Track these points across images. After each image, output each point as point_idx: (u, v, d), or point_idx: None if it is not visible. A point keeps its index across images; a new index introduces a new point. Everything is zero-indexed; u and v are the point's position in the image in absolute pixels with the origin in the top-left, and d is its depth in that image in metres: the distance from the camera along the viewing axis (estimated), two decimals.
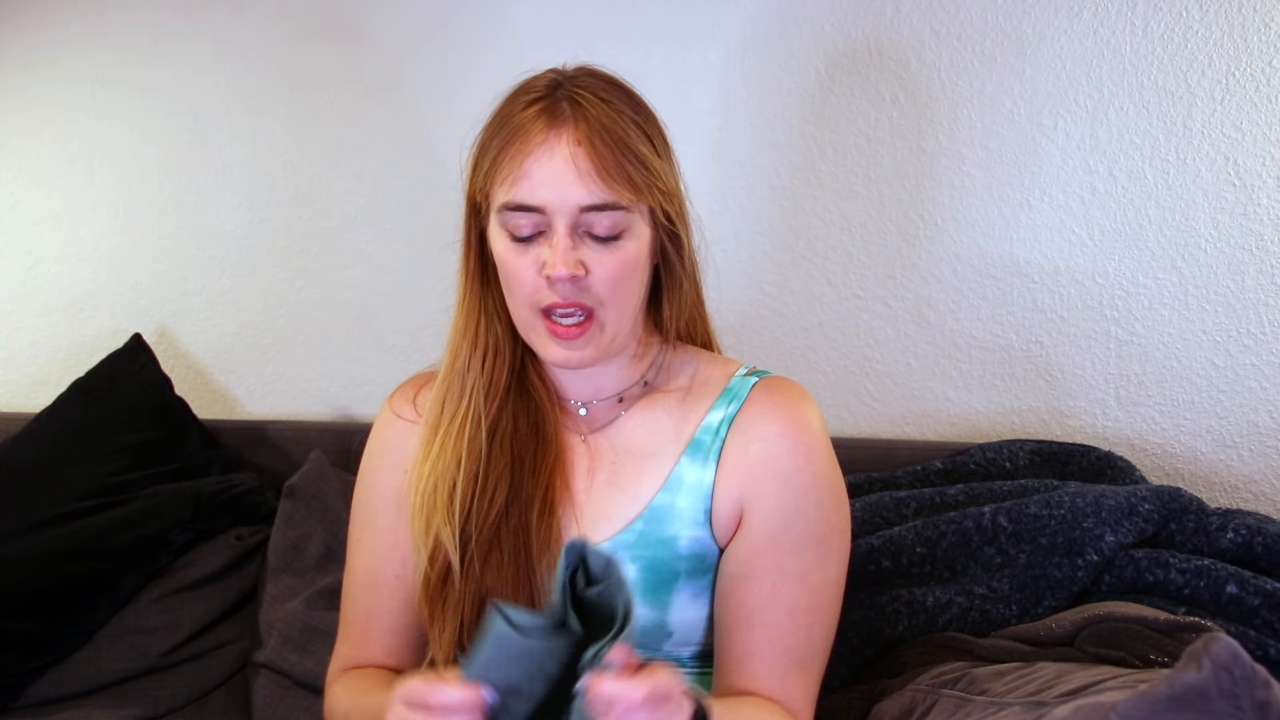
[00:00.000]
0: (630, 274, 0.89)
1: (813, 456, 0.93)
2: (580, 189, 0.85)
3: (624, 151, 0.87)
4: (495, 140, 0.90)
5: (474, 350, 0.96)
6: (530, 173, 0.86)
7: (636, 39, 1.56)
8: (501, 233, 0.90)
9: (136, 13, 1.73)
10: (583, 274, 0.86)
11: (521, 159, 0.86)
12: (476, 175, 0.93)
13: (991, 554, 1.18)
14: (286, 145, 1.72)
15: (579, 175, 0.85)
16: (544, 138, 0.86)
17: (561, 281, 0.85)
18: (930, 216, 1.49)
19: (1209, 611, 1.05)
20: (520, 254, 0.88)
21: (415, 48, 1.65)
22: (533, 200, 0.86)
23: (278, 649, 1.36)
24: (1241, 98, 1.35)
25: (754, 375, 0.99)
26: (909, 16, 1.46)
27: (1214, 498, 1.42)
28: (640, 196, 0.88)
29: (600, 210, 0.86)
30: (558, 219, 0.86)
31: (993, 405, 1.51)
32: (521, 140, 0.87)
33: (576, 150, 0.85)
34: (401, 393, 1.06)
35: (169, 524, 1.45)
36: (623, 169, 0.86)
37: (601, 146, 0.85)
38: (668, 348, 1.02)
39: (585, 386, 0.99)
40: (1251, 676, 0.59)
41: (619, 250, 0.88)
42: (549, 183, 0.85)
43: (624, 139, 0.87)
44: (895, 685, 1.05)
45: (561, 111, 0.87)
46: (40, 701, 1.32)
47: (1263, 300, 1.37)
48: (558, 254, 0.85)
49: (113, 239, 1.80)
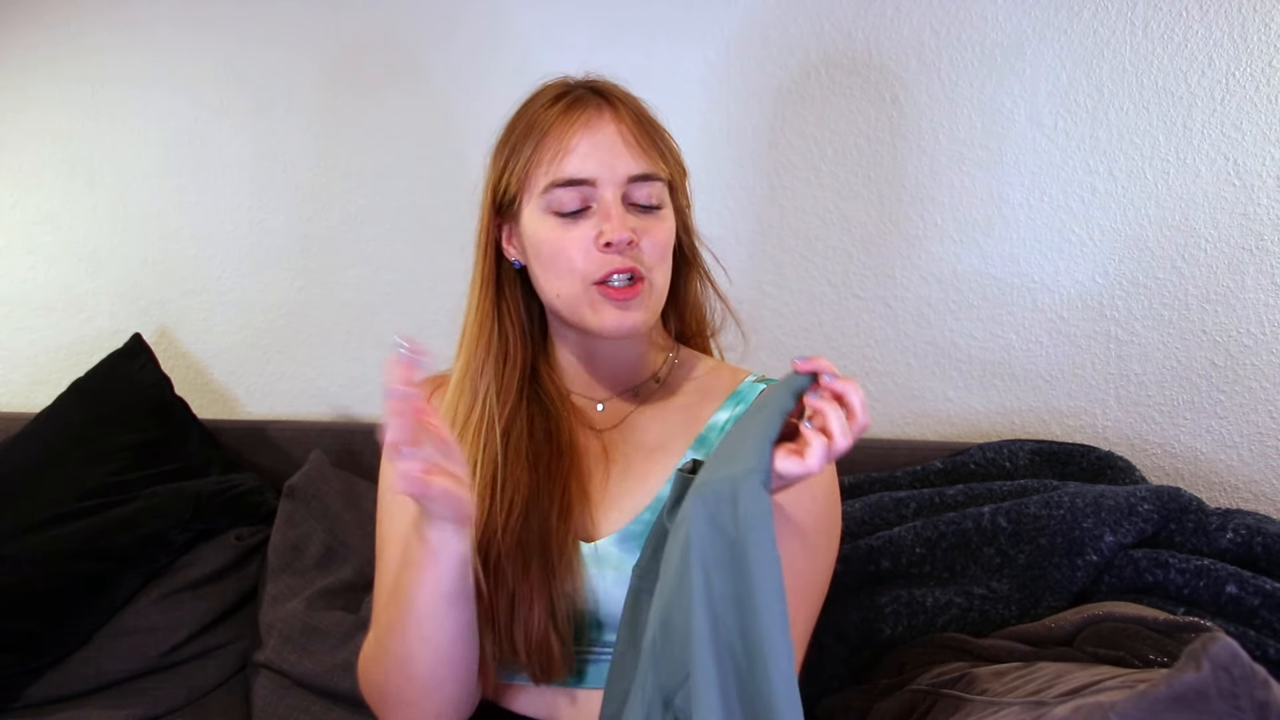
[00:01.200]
0: (669, 245, 0.95)
1: None
2: (629, 160, 0.91)
3: (654, 129, 0.95)
4: (530, 136, 0.93)
5: (487, 355, 0.98)
6: (577, 148, 0.90)
7: (637, 39, 1.56)
8: (545, 215, 0.92)
9: (136, 12, 1.73)
10: (637, 239, 0.90)
11: (566, 139, 0.90)
12: (509, 172, 0.94)
13: (991, 554, 1.18)
14: (287, 145, 1.72)
15: (626, 146, 0.91)
16: (585, 117, 0.91)
17: (620, 245, 0.89)
18: (930, 216, 1.49)
19: (1209, 611, 1.05)
20: (569, 230, 0.91)
21: (419, 49, 1.65)
22: (582, 173, 0.90)
23: (278, 649, 1.36)
24: (1241, 98, 1.35)
25: (763, 382, 1.02)
26: (909, 16, 1.46)
27: (1214, 498, 1.42)
28: (671, 170, 0.95)
29: (644, 180, 0.92)
30: (606, 189, 0.90)
31: (993, 405, 1.51)
32: (563, 124, 0.91)
33: (620, 125, 0.91)
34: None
35: (169, 524, 1.45)
36: (656, 145, 0.94)
37: (639, 123, 0.93)
38: (680, 349, 1.06)
39: (606, 374, 1.01)
40: (1250, 676, 0.59)
41: (662, 219, 0.94)
42: (597, 154, 0.90)
43: (651, 119, 0.96)
44: (895, 685, 1.05)
45: (592, 99, 0.93)
46: (40, 701, 1.32)
47: (1263, 300, 1.37)
48: (615, 219, 0.89)
49: (113, 239, 1.80)
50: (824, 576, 0.95)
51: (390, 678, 0.89)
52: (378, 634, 0.91)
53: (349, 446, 1.65)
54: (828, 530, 0.94)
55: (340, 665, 1.33)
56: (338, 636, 1.36)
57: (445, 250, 1.69)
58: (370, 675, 0.92)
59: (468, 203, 1.75)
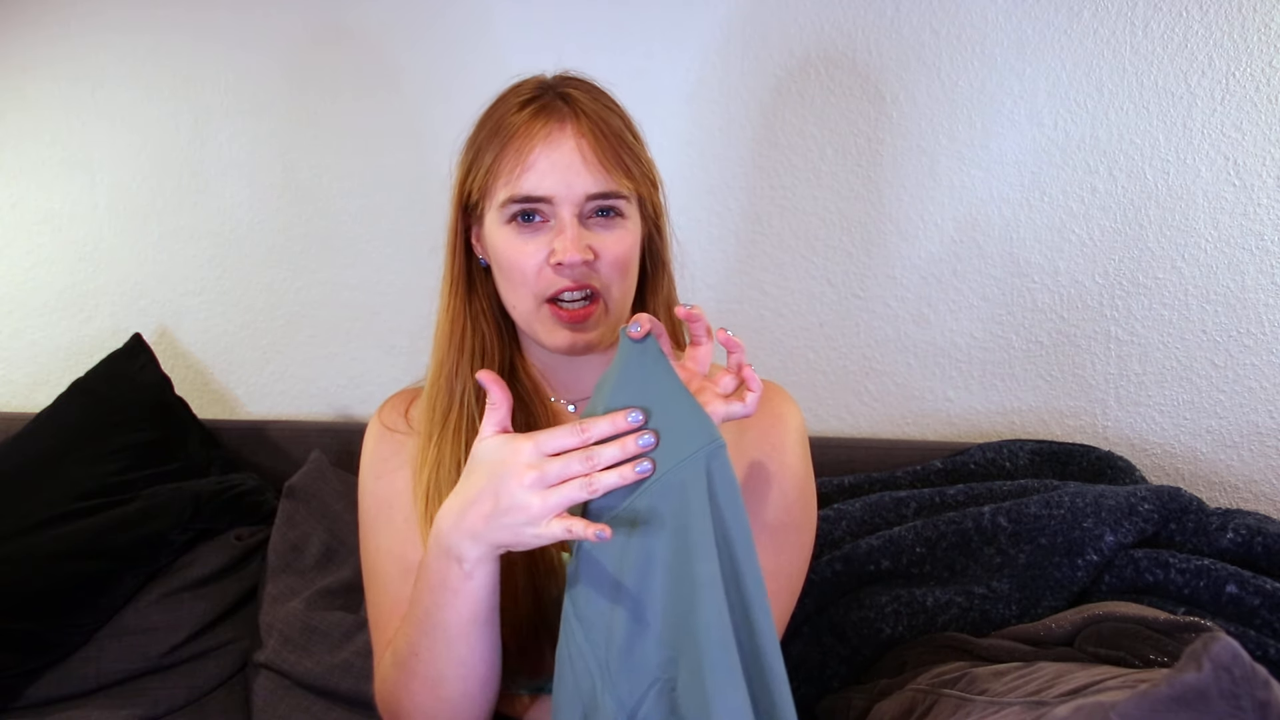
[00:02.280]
0: (630, 260, 0.92)
1: (782, 448, 0.94)
2: (587, 178, 0.88)
3: (620, 143, 0.90)
4: (494, 140, 0.91)
5: (461, 355, 0.97)
6: (535, 165, 0.88)
7: (637, 39, 1.56)
8: (503, 227, 0.91)
9: (136, 13, 1.73)
10: (592, 258, 0.88)
11: (526, 153, 0.88)
12: (473, 175, 0.93)
13: (991, 554, 1.18)
14: (286, 145, 1.72)
15: (585, 164, 0.88)
16: (547, 131, 0.88)
17: (573, 266, 0.87)
18: (930, 216, 1.49)
19: (1209, 611, 1.05)
20: (525, 244, 0.89)
21: (418, 49, 1.65)
22: (539, 191, 0.88)
23: (278, 649, 1.36)
24: (1241, 98, 1.35)
25: None
26: (909, 16, 1.46)
27: (1214, 498, 1.42)
28: (635, 185, 0.91)
29: (604, 198, 0.89)
30: (564, 208, 0.88)
31: (993, 405, 1.51)
32: (524, 136, 0.89)
33: (580, 142, 0.88)
34: (391, 405, 1.06)
35: (169, 524, 1.45)
36: (620, 159, 0.90)
37: (602, 138, 0.89)
38: None
39: (575, 383, 1.00)
40: (1251, 676, 0.59)
41: (621, 234, 0.91)
42: (555, 173, 0.88)
43: (619, 132, 0.91)
44: (895, 685, 1.05)
45: (559, 108, 0.90)
46: (40, 701, 1.32)
47: (1263, 300, 1.37)
48: (569, 240, 0.87)
49: (113, 239, 1.80)
50: (796, 572, 0.94)
51: (419, 700, 0.86)
52: (398, 658, 0.88)
53: (349, 446, 1.65)
54: (798, 525, 0.94)
55: (340, 665, 1.33)
56: (338, 636, 1.36)
57: (439, 251, 1.68)
58: (394, 698, 0.89)
59: None
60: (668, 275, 1.02)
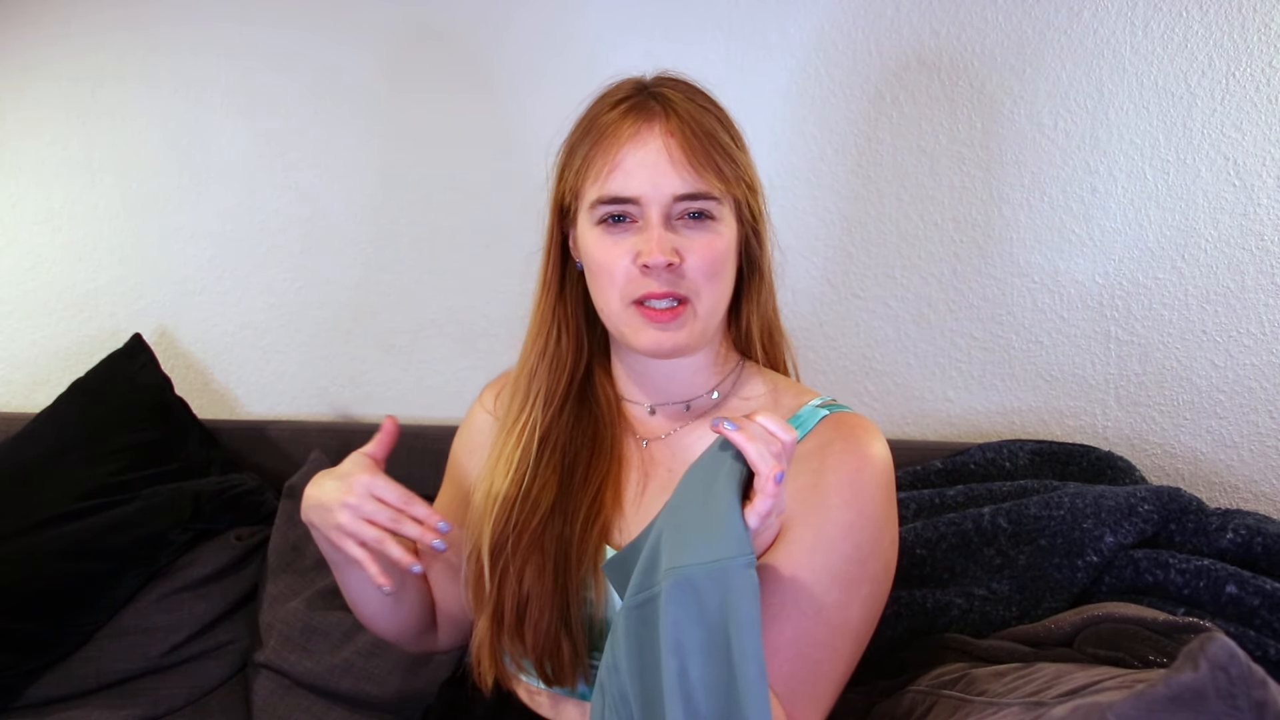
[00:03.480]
0: (722, 263, 0.91)
1: (862, 494, 0.87)
2: (674, 178, 0.87)
3: (712, 143, 0.89)
4: (585, 141, 0.92)
5: (541, 359, 0.98)
6: (623, 164, 0.88)
7: (637, 39, 1.56)
8: (593, 228, 0.91)
9: (136, 12, 1.73)
10: (678, 261, 0.87)
11: (614, 152, 0.88)
12: (566, 177, 0.94)
13: (991, 555, 1.18)
14: (286, 145, 1.72)
15: (672, 164, 0.87)
16: (635, 130, 0.88)
17: (658, 269, 0.87)
18: (930, 216, 1.49)
19: (1208, 612, 1.05)
20: (614, 245, 0.89)
21: (416, 49, 1.65)
22: (626, 191, 0.88)
23: (278, 649, 1.36)
24: (1241, 98, 1.35)
25: (828, 407, 0.95)
26: (909, 16, 1.46)
27: (1214, 498, 1.42)
28: (728, 187, 0.90)
29: (692, 199, 0.88)
30: (651, 208, 0.88)
31: (993, 405, 1.51)
32: (612, 136, 0.89)
33: (669, 141, 0.88)
34: (490, 389, 1.12)
35: (169, 524, 1.45)
36: (712, 159, 0.89)
37: (692, 137, 0.88)
38: (745, 364, 1.02)
39: (660, 386, 0.99)
40: (1248, 676, 0.59)
41: (711, 238, 0.89)
42: (642, 173, 0.87)
43: (711, 132, 0.90)
44: (895, 686, 1.05)
45: (650, 108, 0.90)
46: (40, 701, 1.33)
47: (1263, 300, 1.37)
48: (653, 242, 0.86)
49: (113, 239, 1.80)
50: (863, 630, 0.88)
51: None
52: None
53: (349, 446, 1.62)
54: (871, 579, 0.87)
55: (340, 665, 1.33)
56: (338, 636, 1.36)
57: (446, 250, 1.69)
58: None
59: (469, 202, 1.76)
60: (766, 285, 1.00)
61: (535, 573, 0.91)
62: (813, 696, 0.84)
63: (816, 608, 0.84)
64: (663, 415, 0.99)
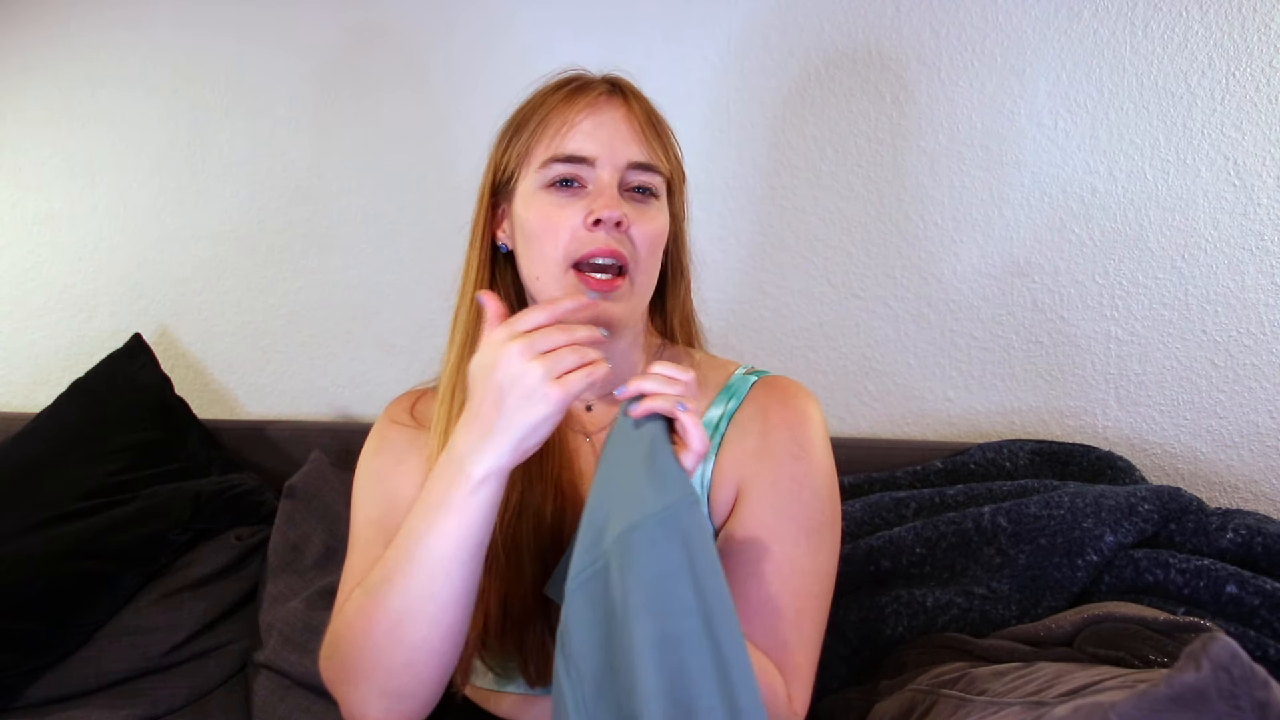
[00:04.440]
0: (659, 242, 0.93)
1: (808, 447, 0.93)
2: (633, 145, 0.90)
3: (660, 125, 0.94)
4: (536, 114, 0.93)
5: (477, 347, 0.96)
6: (581, 126, 0.90)
7: (637, 39, 1.56)
8: (540, 192, 0.91)
9: (136, 13, 1.73)
10: (627, 224, 0.88)
11: (571, 116, 0.90)
12: (512, 146, 0.94)
13: (991, 554, 1.18)
14: (287, 145, 1.72)
15: (630, 132, 0.90)
16: (591, 100, 0.91)
17: (609, 224, 0.87)
18: (930, 216, 1.49)
19: (1209, 611, 1.05)
20: (562, 206, 0.89)
21: (418, 49, 1.65)
22: (583, 150, 0.89)
23: (278, 649, 1.36)
24: (1241, 98, 1.35)
25: (754, 374, 1.01)
26: (909, 16, 1.46)
27: (1214, 498, 1.42)
28: (671, 169, 0.94)
29: (643, 170, 0.91)
30: (605, 170, 0.89)
31: (993, 405, 1.51)
32: (567, 104, 0.91)
33: (628, 112, 0.91)
34: (398, 403, 1.07)
35: (169, 524, 1.45)
36: (661, 138, 0.93)
37: (645, 114, 0.93)
38: (667, 345, 1.04)
39: None
40: (1250, 676, 0.59)
41: (654, 213, 0.92)
42: (602, 134, 0.89)
43: (659, 116, 0.95)
44: (895, 685, 1.05)
45: (602, 86, 0.93)
46: (40, 701, 1.32)
47: (1263, 300, 1.37)
48: (606, 197, 0.88)
49: (113, 239, 1.80)
50: (832, 569, 0.93)
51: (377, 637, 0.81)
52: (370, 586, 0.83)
53: (349, 446, 1.65)
54: (830, 523, 0.93)
55: None
56: None
57: (445, 250, 1.69)
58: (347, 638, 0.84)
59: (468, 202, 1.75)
60: (686, 280, 1.03)
61: (517, 570, 0.90)
62: (803, 645, 0.88)
63: (789, 559, 0.89)
64: (600, 407, 1.00)
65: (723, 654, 0.67)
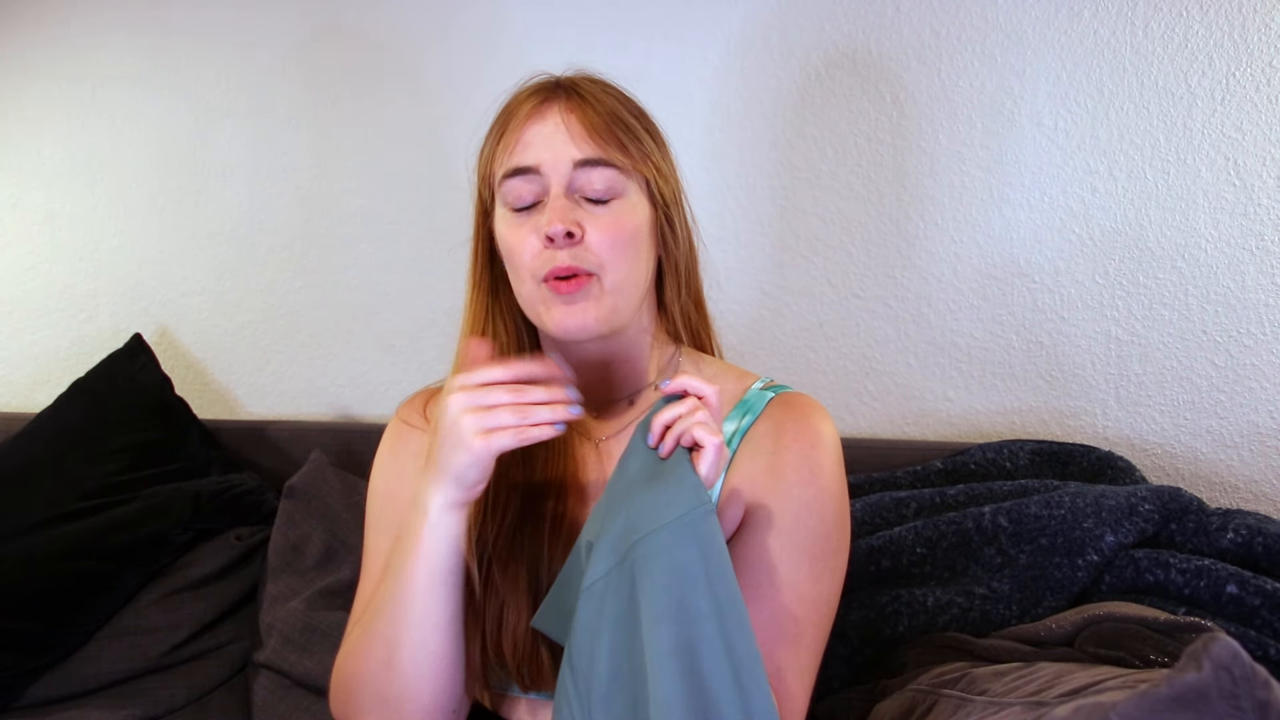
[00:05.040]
0: (628, 238, 0.89)
1: (819, 473, 0.91)
2: (571, 146, 0.88)
3: (613, 119, 0.90)
4: (494, 129, 0.93)
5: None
6: (523, 137, 0.89)
7: (637, 39, 1.56)
8: (505, 212, 0.91)
9: (137, 12, 1.73)
10: (579, 233, 0.87)
11: (518, 130, 0.90)
12: (482, 166, 0.94)
13: (991, 554, 1.18)
14: (287, 145, 1.72)
15: (570, 135, 0.88)
16: (535, 106, 0.90)
17: (558, 238, 0.86)
18: (930, 216, 1.49)
19: (1209, 611, 1.05)
20: (520, 224, 0.89)
21: (418, 49, 1.65)
22: (526, 160, 0.88)
23: (278, 649, 1.36)
24: (1241, 98, 1.35)
25: (771, 389, 0.98)
26: (909, 17, 1.46)
27: (1214, 498, 1.42)
28: (633, 164, 0.90)
29: (592, 166, 0.88)
30: (552, 178, 0.88)
31: (993, 405, 1.51)
32: (516, 115, 0.91)
33: (569, 116, 0.89)
34: (410, 404, 1.06)
35: (169, 524, 1.45)
36: (613, 132, 0.89)
37: (591, 112, 0.89)
38: (679, 351, 1.01)
39: (597, 388, 0.98)
40: (1251, 676, 0.59)
41: (614, 211, 0.89)
42: (540, 142, 0.88)
43: (613, 110, 0.91)
44: (895, 685, 1.05)
45: (555, 91, 0.92)
46: (40, 701, 1.32)
47: (1263, 300, 1.37)
48: (553, 211, 0.86)
49: (113, 239, 1.80)
50: (834, 596, 0.92)
51: (371, 666, 0.86)
52: (363, 618, 0.89)
53: (349, 446, 1.65)
54: (835, 550, 0.91)
55: None
56: (338, 636, 1.36)
57: (445, 250, 1.69)
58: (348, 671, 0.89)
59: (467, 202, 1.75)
60: (684, 271, 0.99)
61: (514, 580, 0.89)
62: (798, 668, 0.87)
63: (789, 584, 0.87)
64: (609, 414, 0.98)
65: (737, 658, 0.67)
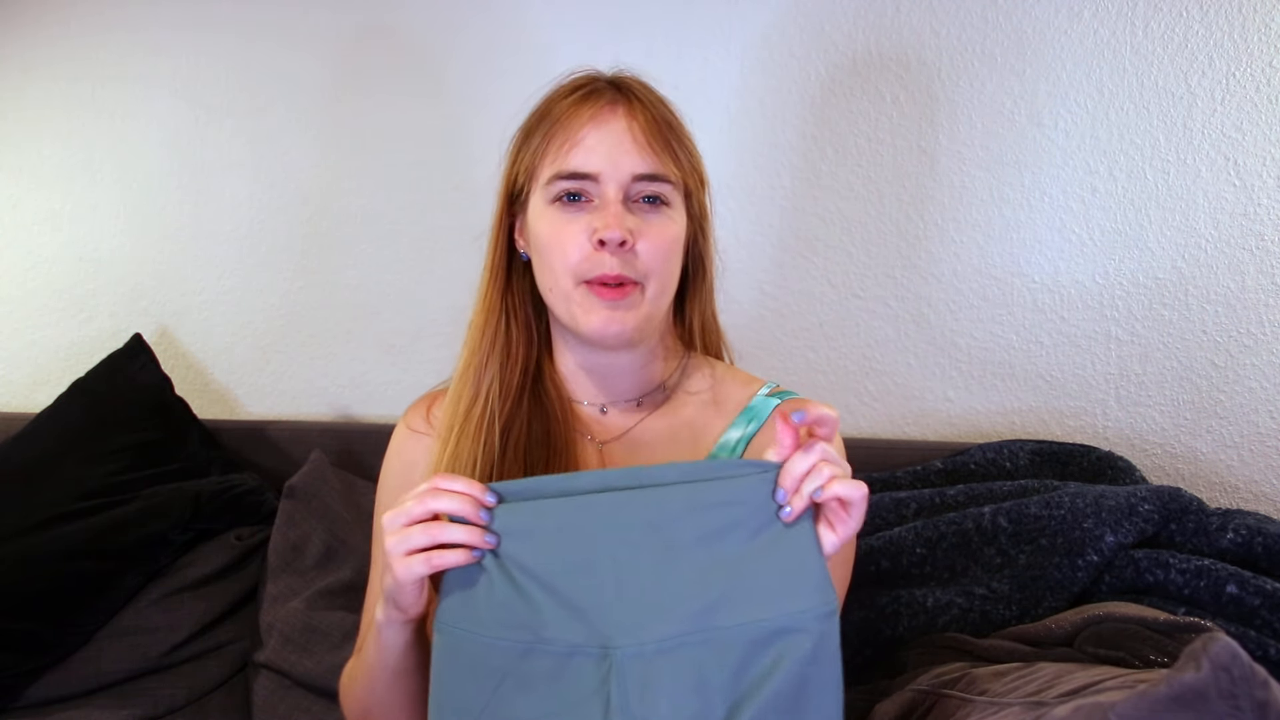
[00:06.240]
0: (673, 250, 0.91)
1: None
2: (635, 157, 0.88)
3: (670, 130, 0.91)
4: (543, 123, 0.91)
5: (492, 349, 0.95)
6: (584, 141, 0.88)
7: (637, 39, 1.56)
8: (548, 208, 0.90)
9: (136, 12, 1.73)
10: (632, 242, 0.87)
11: (575, 130, 0.88)
12: (521, 158, 0.93)
13: (991, 554, 1.18)
14: (287, 145, 1.72)
15: (634, 144, 0.88)
16: (596, 110, 0.89)
17: (613, 244, 0.86)
18: (930, 216, 1.49)
19: (1209, 612, 1.05)
20: (569, 222, 0.88)
21: (418, 49, 1.65)
22: (586, 167, 0.88)
23: (278, 649, 1.36)
24: (1241, 98, 1.35)
25: (777, 396, 0.98)
26: (909, 17, 1.46)
27: (1214, 498, 1.42)
28: (683, 174, 0.91)
29: (650, 180, 0.88)
30: (609, 185, 0.87)
31: (993, 405, 1.51)
32: (573, 115, 0.89)
33: (631, 123, 0.88)
34: (415, 409, 1.05)
35: (169, 524, 1.45)
36: (669, 145, 0.90)
37: (652, 122, 0.89)
38: (690, 356, 1.02)
39: (612, 382, 0.98)
40: (1250, 676, 0.59)
41: (665, 223, 0.90)
42: (603, 149, 0.87)
43: (669, 120, 0.92)
44: (895, 685, 1.05)
45: (610, 93, 0.91)
46: (40, 701, 1.32)
47: (1263, 300, 1.37)
48: (611, 216, 0.86)
49: (113, 239, 1.80)
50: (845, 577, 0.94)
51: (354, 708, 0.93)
52: (358, 662, 0.92)
53: (349, 446, 1.65)
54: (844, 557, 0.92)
55: (340, 665, 1.33)
56: (338, 636, 1.36)
57: (446, 250, 1.69)
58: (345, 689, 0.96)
59: (468, 203, 1.75)
60: (708, 283, 1.00)
61: None
62: None
63: None
64: (615, 413, 0.98)
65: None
